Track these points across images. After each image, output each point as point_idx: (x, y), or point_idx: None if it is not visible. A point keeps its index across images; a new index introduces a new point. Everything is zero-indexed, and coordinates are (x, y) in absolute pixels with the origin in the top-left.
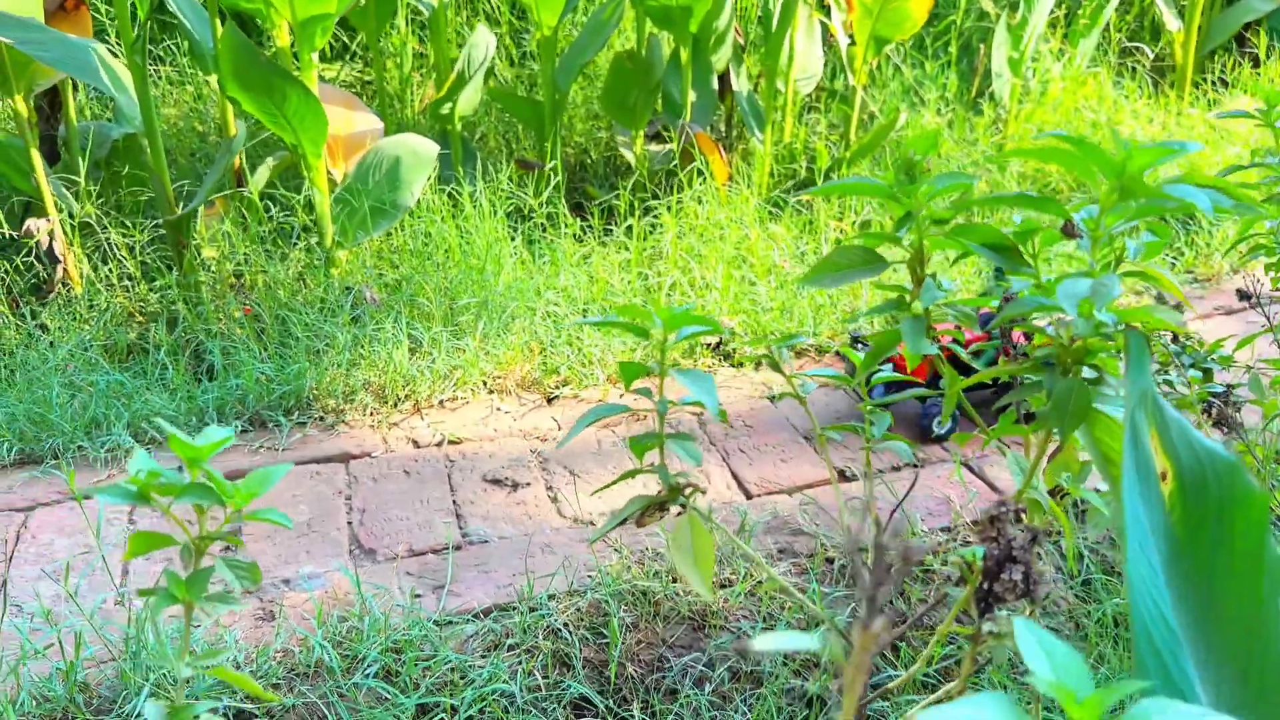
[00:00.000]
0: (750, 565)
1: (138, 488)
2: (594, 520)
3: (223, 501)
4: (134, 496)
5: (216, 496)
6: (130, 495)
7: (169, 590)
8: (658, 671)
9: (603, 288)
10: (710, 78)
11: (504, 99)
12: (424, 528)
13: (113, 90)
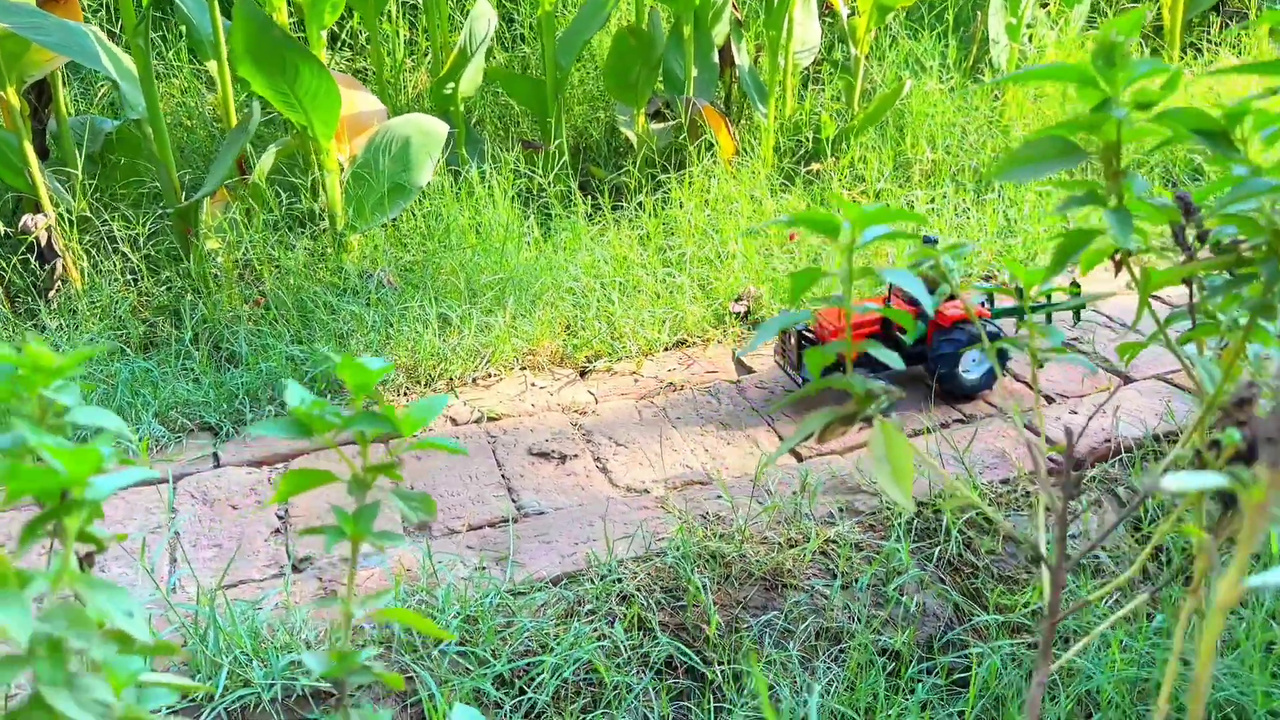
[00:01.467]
0: (816, 524)
1: (300, 418)
2: (648, 489)
3: (395, 429)
4: (298, 428)
5: (388, 424)
6: (294, 428)
7: (337, 526)
8: (736, 632)
9: (622, 262)
10: (711, 52)
11: (503, 79)
12: (476, 502)
13: (115, 75)
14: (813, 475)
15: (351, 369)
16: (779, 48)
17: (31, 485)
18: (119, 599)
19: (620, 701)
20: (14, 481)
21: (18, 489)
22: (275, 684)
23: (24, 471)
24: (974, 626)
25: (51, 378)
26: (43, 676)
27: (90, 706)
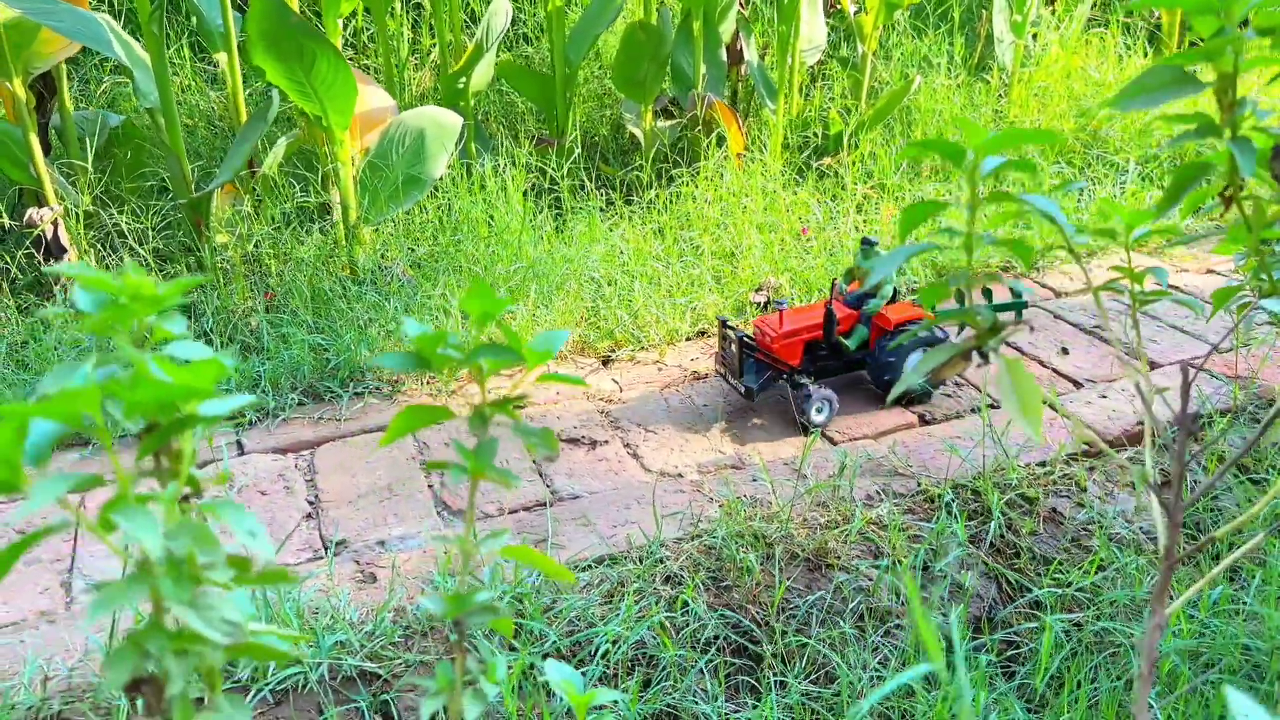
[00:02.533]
0: (853, 505)
1: (419, 349)
2: (681, 473)
3: (519, 359)
4: (416, 362)
5: (512, 354)
6: (413, 360)
7: (459, 463)
8: (781, 613)
9: (640, 254)
10: (719, 49)
11: (513, 74)
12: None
13: (128, 62)
14: (850, 459)
15: (476, 298)
16: (789, 44)
17: (156, 393)
18: (243, 518)
19: (675, 679)
20: (138, 391)
21: (142, 398)
22: (322, 664)
23: (148, 381)
24: (1018, 609)
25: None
26: (168, 594)
27: (218, 625)
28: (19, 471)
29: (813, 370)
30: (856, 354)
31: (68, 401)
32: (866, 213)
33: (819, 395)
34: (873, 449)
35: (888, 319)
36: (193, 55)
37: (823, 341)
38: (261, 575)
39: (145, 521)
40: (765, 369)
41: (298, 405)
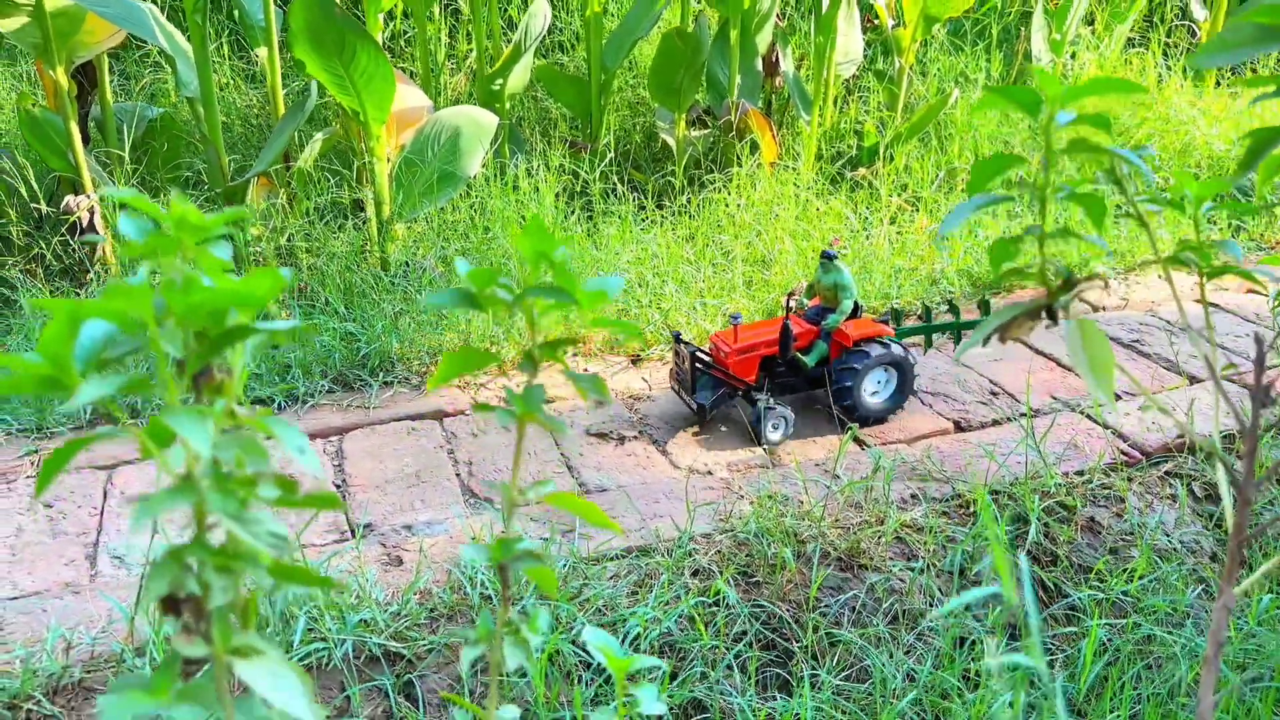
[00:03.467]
0: (886, 507)
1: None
2: (711, 470)
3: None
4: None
5: (568, 296)
6: (463, 299)
7: (507, 407)
8: (813, 611)
9: (671, 257)
10: (755, 59)
11: (550, 78)
12: (537, 478)
13: (170, 51)
14: (884, 462)
15: (530, 235)
16: (825, 55)
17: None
18: (292, 433)
19: (704, 671)
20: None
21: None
22: (346, 641)
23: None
24: (1056, 613)
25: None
26: (214, 505)
27: (264, 538)
28: (69, 370)
29: (770, 388)
30: (815, 371)
31: (120, 299)
32: (900, 225)
33: (775, 413)
34: (907, 453)
35: (847, 335)
36: (232, 53)
37: (779, 358)
38: (309, 497)
39: (196, 424)
40: (720, 385)
41: (327, 392)
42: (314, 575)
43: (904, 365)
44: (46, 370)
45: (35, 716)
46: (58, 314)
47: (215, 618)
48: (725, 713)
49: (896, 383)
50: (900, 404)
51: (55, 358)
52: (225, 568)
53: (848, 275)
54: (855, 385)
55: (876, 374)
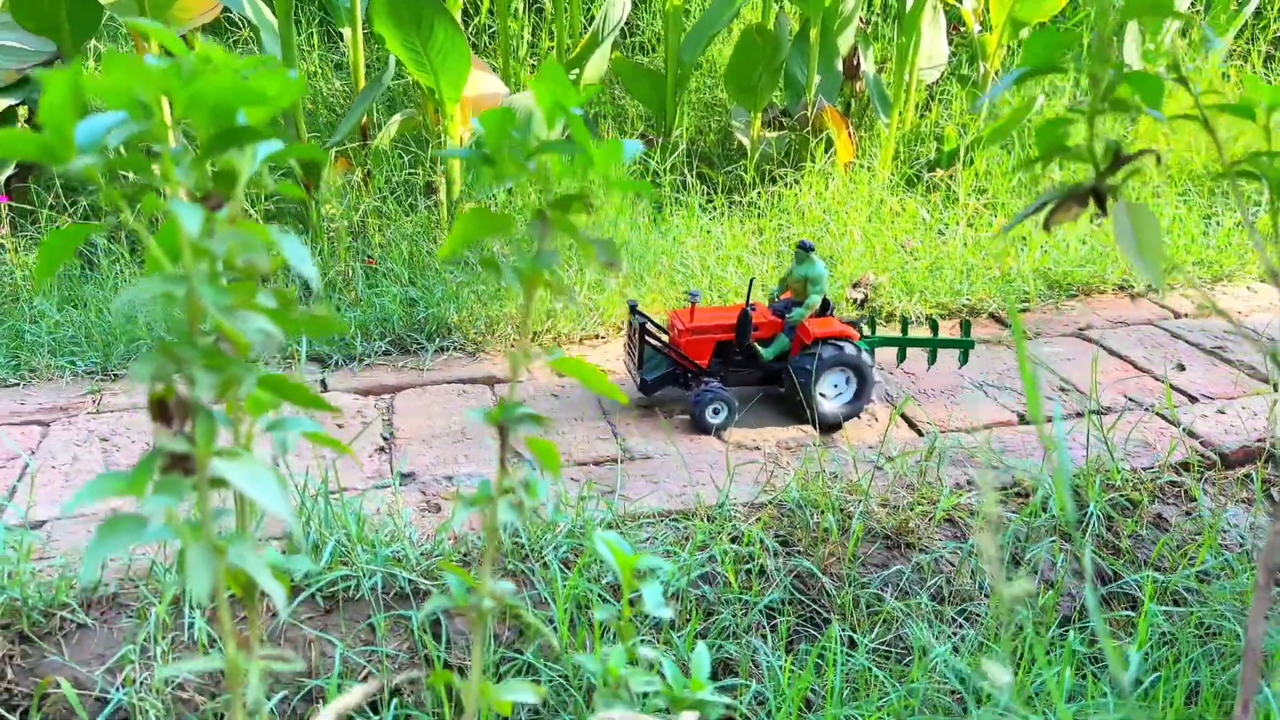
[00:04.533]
0: (939, 489)
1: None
2: (759, 445)
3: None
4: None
5: (582, 151)
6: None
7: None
8: (854, 585)
9: (736, 242)
10: (835, 59)
11: (627, 71)
12: (582, 442)
13: (256, 21)
14: (940, 445)
15: (547, 81)
16: (907, 56)
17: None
18: (293, 244)
19: (731, 632)
20: (199, 81)
21: (202, 90)
22: (376, 574)
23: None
24: (1113, 598)
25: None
26: (205, 297)
27: (252, 332)
28: (70, 143)
29: (722, 375)
30: (775, 365)
31: (126, 77)
32: (978, 228)
33: (716, 395)
34: (966, 441)
35: (808, 332)
36: (322, 43)
37: (736, 344)
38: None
39: (190, 208)
40: (670, 364)
41: (383, 354)
42: (305, 391)
43: (863, 370)
44: (46, 140)
45: (69, 624)
46: (56, 84)
47: (200, 417)
48: (755, 673)
49: (856, 387)
50: (857, 410)
51: (55, 127)
52: (213, 366)
53: (820, 268)
54: (809, 384)
55: (835, 376)
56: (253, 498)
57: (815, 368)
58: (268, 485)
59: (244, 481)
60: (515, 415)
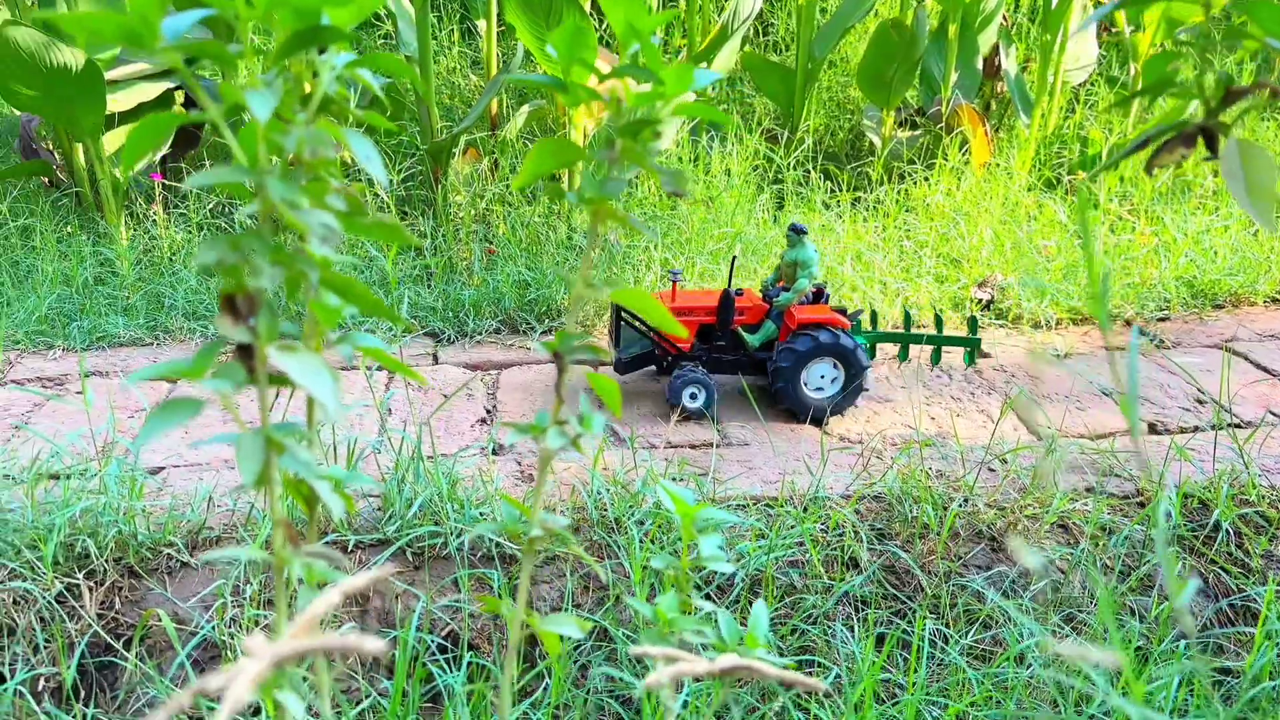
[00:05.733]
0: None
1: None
2: (863, 440)
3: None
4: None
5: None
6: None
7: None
8: (952, 583)
9: (858, 237)
10: (975, 57)
11: (756, 65)
12: (682, 427)
13: (395, 10)
14: (1058, 450)
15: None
16: (1050, 57)
17: None
18: (361, 142)
19: (815, 618)
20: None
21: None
22: (463, 534)
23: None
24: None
25: None
26: (275, 191)
27: (316, 227)
28: (155, 30)
29: (705, 360)
30: (761, 353)
31: None
32: (1120, 234)
33: (692, 378)
34: (1088, 446)
35: (793, 317)
36: (461, 39)
37: (718, 328)
38: (377, 224)
39: (263, 95)
40: (649, 345)
41: (494, 332)
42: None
43: (851, 360)
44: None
45: (174, 562)
46: None
47: (264, 310)
48: (834, 660)
49: (844, 379)
50: (846, 403)
51: (141, 15)
52: (278, 260)
53: (810, 252)
54: (792, 371)
55: (821, 366)
56: (303, 386)
57: (802, 354)
58: (321, 378)
59: (297, 371)
60: (572, 345)
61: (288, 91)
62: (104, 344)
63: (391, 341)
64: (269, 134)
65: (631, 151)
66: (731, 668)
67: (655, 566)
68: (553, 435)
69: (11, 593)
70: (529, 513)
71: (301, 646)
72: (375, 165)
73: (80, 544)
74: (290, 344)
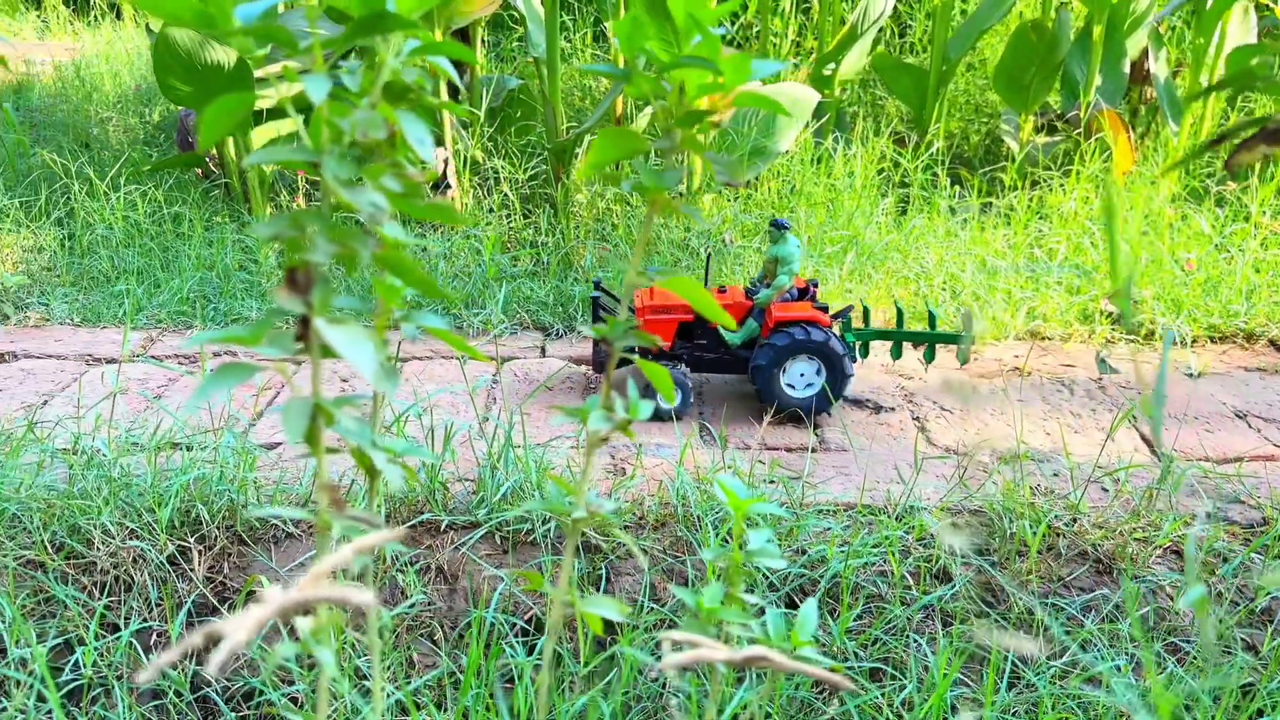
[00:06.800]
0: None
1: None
2: (969, 452)
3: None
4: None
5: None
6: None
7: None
8: (1046, 601)
9: (983, 244)
10: (1121, 61)
11: (887, 66)
12: (779, 429)
13: (525, 13)
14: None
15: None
16: (1204, 62)
17: None
18: (413, 124)
19: (900, 631)
20: None
21: None
22: (550, 521)
23: None
24: None
25: None
26: (329, 169)
27: (365, 205)
28: (228, 15)
29: (687, 359)
30: (744, 351)
31: None
32: (1271, 249)
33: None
34: (1211, 470)
35: (774, 314)
36: (593, 43)
37: (696, 326)
38: (430, 205)
39: (320, 80)
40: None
41: None
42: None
43: (832, 358)
44: (206, 8)
45: (279, 532)
46: None
47: (319, 282)
48: (910, 670)
49: (827, 377)
50: (825, 402)
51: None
52: (334, 237)
53: (792, 248)
54: (771, 369)
55: (801, 364)
56: (344, 355)
57: (781, 351)
58: (363, 349)
59: (340, 341)
60: (622, 330)
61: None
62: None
63: (500, 334)
64: (329, 117)
65: (690, 140)
66: (750, 657)
67: (705, 558)
68: (595, 418)
69: (131, 551)
70: (575, 493)
71: (303, 597)
72: (425, 148)
73: (195, 510)
74: (342, 317)
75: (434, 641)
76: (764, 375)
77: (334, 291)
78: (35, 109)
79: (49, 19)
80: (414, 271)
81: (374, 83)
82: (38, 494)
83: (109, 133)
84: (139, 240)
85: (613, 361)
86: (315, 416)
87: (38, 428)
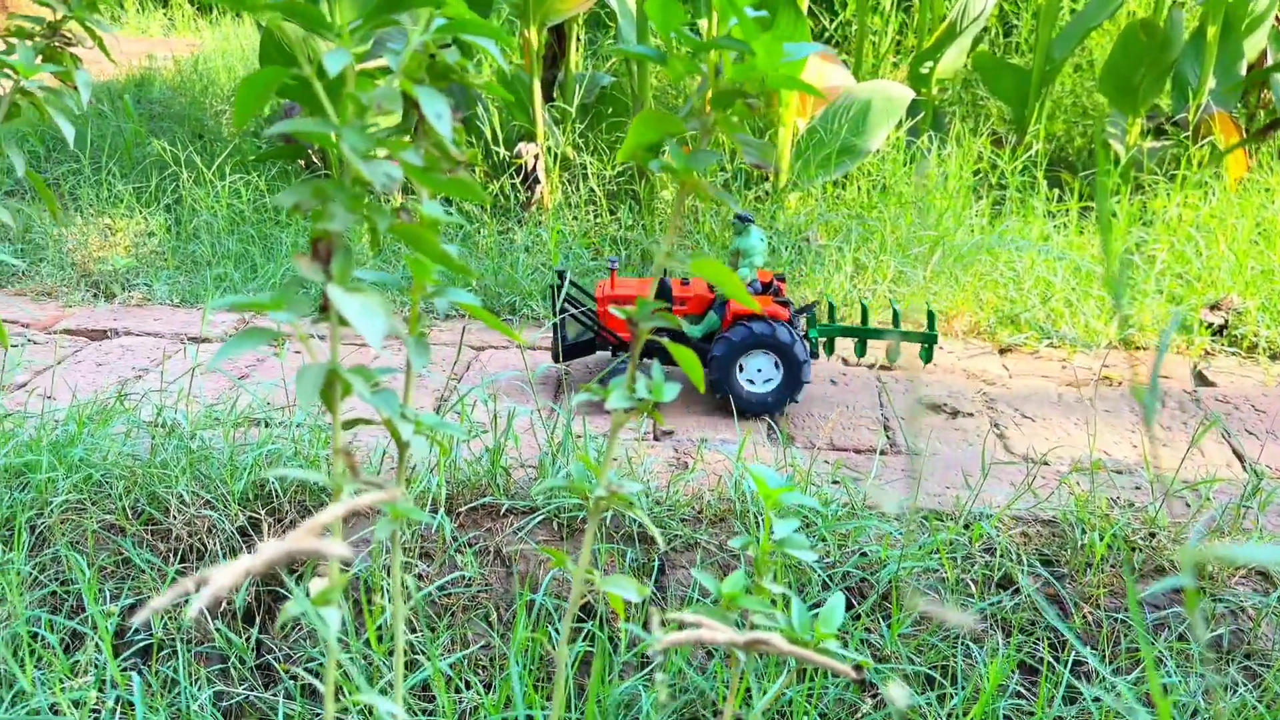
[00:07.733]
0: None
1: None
2: (1047, 461)
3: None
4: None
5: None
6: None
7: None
8: (1115, 614)
9: (1076, 248)
10: (1238, 63)
11: (987, 65)
12: (848, 429)
13: (617, 10)
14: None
15: None
16: None
17: None
18: (432, 99)
19: (956, 637)
20: None
21: None
22: (608, 511)
23: None
24: None
25: None
26: (347, 139)
27: (379, 175)
28: None
29: (652, 352)
30: (704, 343)
31: None
32: None
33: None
34: None
35: (733, 310)
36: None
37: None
38: (450, 181)
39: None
40: (588, 333)
41: None
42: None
43: (789, 354)
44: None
45: None
46: None
47: (339, 251)
48: (964, 679)
49: (784, 373)
50: (784, 399)
51: None
52: (353, 207)
53: (753, 241)
54: (726, 361)
55: (757, 360)
56: (350, 320)
57: (736, 345)
58: (370, 316)
59: (348, 307)
60: (648, 311)
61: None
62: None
63: None
64: (350, 90)
65: (724, 122)
66: (751, 641)
67: (733, 547)
68: (616, 397)
69: (205, 520)
70: (599, 472)
71: (286, 548)
72: (444, 123)
73: (267, 484)
74: (355, 285)
75: (489, 623)
76: (719, 366)
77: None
78: (155, 101)
79: (175, 17)
80: (432, 246)
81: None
82: (122, 462)
83: (221, 124)
84: (240, 227)
85: (639, 343)
86: (333, 382)
87: (127, 400)
